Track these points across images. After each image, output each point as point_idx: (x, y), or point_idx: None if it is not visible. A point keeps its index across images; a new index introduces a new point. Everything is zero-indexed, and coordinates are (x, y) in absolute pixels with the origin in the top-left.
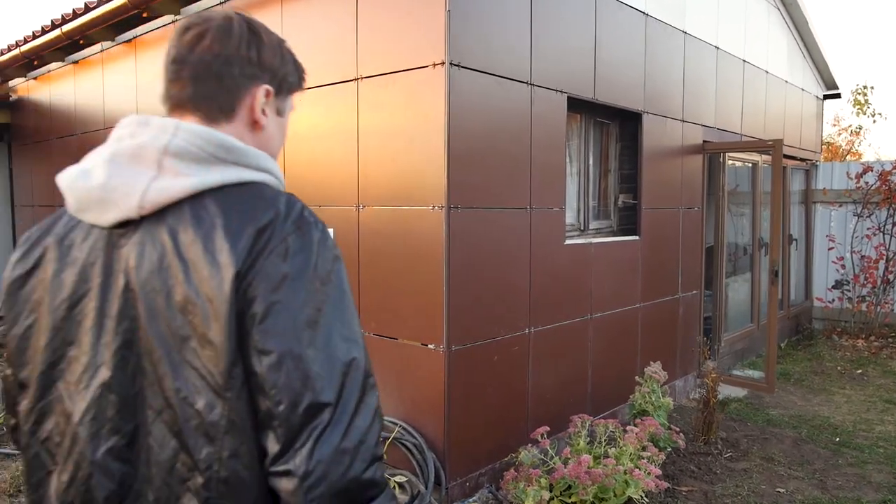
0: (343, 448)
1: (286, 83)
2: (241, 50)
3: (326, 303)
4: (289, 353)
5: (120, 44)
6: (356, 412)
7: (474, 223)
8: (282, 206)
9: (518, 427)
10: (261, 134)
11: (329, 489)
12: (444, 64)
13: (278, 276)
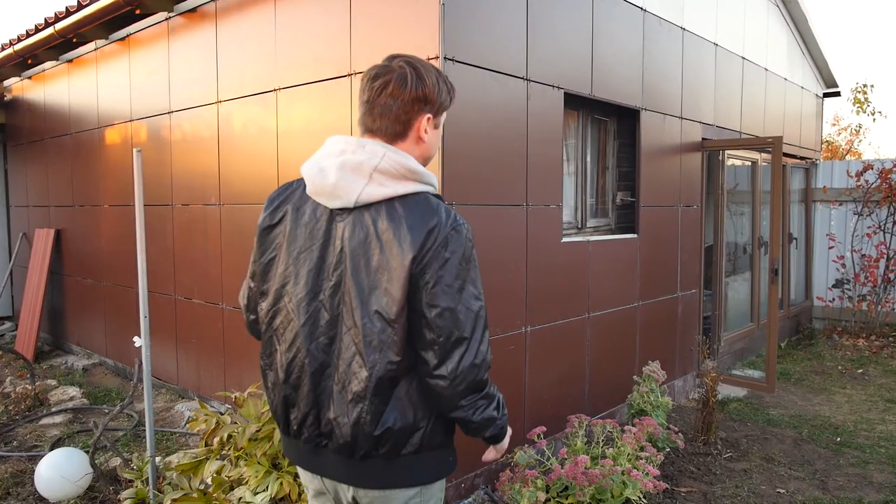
0: (474, 363)
1: (442, 107)
2: (412, 93)
3: (467, 277)
4: (447, 308)
5: (113, 42)
6: (480, 341)
7: (470, 220)
8: (443, 214)
9: (514, 427)
10: (423, 145)
11: (466, 385)
12: (439, 58)
13: (442, 260)
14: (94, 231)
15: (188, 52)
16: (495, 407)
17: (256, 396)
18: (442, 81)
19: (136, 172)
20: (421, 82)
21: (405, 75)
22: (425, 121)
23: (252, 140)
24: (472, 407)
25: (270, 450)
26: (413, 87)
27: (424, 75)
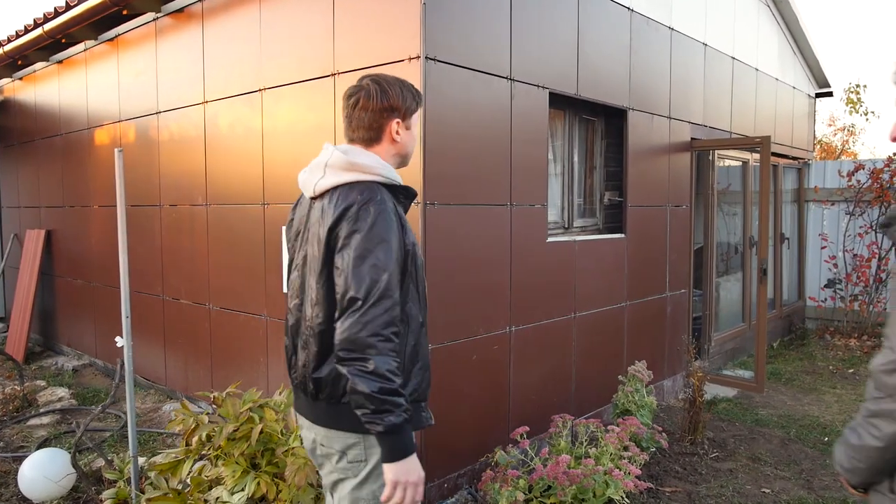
0: (359, 321)
1: (409, 110)
2: (378, 104)
3: (372, 249)
4: (346, 269)
5: (103, 43)
6: (373, 306)
7: (452, 220)
8: (362, 196)
9: (499, 427)
10: (398, 144)
11: (347, 337)
12: (420, 58)
13: (349, 231)
14: (84, 232)
15: (176, 53)
16: (371, 383)
17: (236, 396)
18: (406, 90)
19: (117, 172)
20: (385, 94)
21: (370, 91)
22: (395, 124)
23: (238, 140)
24: (351, 363)
25: (248, 449)
26: (378, 100)
27: (388, 88)
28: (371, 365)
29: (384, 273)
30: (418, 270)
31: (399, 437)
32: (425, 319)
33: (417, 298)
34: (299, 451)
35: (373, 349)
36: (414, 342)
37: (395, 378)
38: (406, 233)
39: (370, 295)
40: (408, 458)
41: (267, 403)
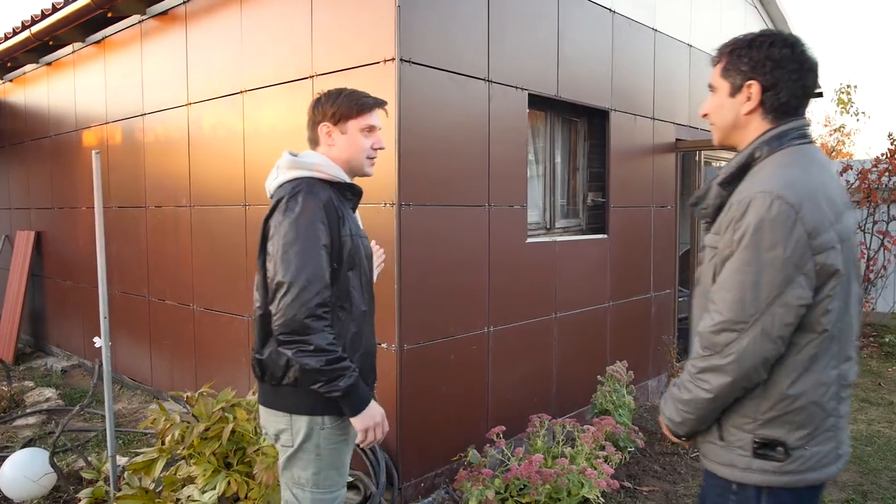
0: (291, 304)
1: (339, 115)
2: (313, 111)
3: (298, 236)
4: (275, 255)
5: (90, 45)
6: (302, 289)
7: (428, 221)
8: (292, 189)
9: (478, 426)
10: (333, 148)
11: (284, 321)
12: (395, 60)
13: (278, 221)
14: (73, 233)
15: (160, 55)
16: (317, 359)
17: (210, 396)
18: (346, 98)
19: (95, 175)
20: (318, 102)
21: (313, 100)
22: (323, 128)
23: (220, 142)
24: (292, 345)
25: (220, 448)
26: (311, 107)
27: (324, 96)
28: (311, 344)
29: (310, 258)
30: (362, 262)
31: (356, 393)
32: (370, 308)
33: (360, 288)
34: (269, 450)
35: (310, 329)
36: (356, 329)
37: (335, 348)
38: (344, 225)
39: (297, 278)
40: (368, 407)
41: (239, 403)
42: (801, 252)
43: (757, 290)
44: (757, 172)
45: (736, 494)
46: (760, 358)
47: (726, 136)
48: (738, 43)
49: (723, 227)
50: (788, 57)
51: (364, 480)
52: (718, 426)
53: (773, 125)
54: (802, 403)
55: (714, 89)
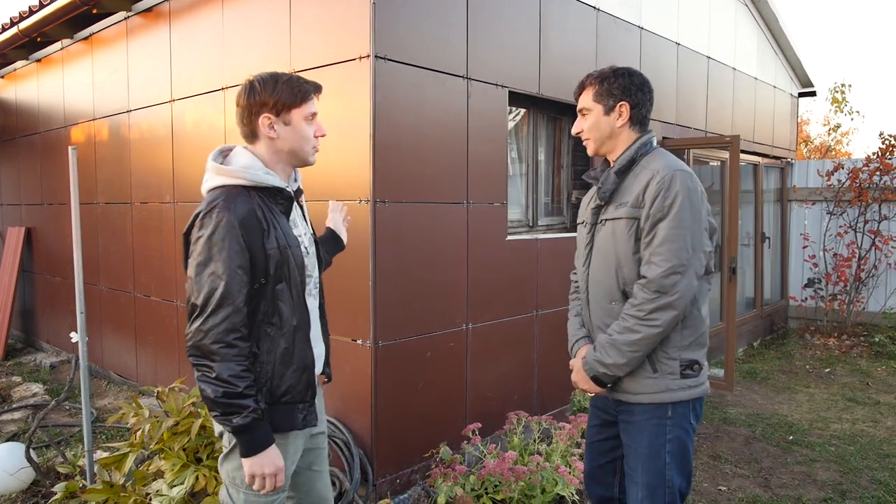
0: (200, 328)
1: (281, 105)
2: (247, 100)
3: (211, 257)
4: (191, 276)
5: (78, 42)
6: (211, 314)
7: (405, 218)
8: (206, 204)
9: (455, 423)
10: (276, 141)
11: (193, 344)
12: (370, 57)
13: (196, 237)
14: (62, 229)
15: (145, 52)
16: (214, 388)
17: (182, 391)
18: (284, 84)
19: (71, 170)
20: (251, 90)
21: (242, 88)
22: (264, 121)
23: (202, 138)
24: (197, 368)
25: (189, 443)
26: (244, 96)
27: (258, 84)
28: (214, 372)
29: (222, 281)
30: (293, 274)
31: (249, 435)
32: (304, 322)
33: (291, 301)
34: None
35: (216, 356)
36: (286, 344)
37: (238, 382)
38: (269, 237)
39: (209, 303)
40: (262, 452)
41: None
42: (705, 213)
43: (691, 240)
44: (648, 163)
45: (672, 415)
46: (692, 293)
47: (600, 147)
48: (604, 74)
49: (646, 199)
50: (643, 82)
51: (339, 476)
52: (650, 361)
53: (640, 134)
54: (705, 328)
55: (587, 112)
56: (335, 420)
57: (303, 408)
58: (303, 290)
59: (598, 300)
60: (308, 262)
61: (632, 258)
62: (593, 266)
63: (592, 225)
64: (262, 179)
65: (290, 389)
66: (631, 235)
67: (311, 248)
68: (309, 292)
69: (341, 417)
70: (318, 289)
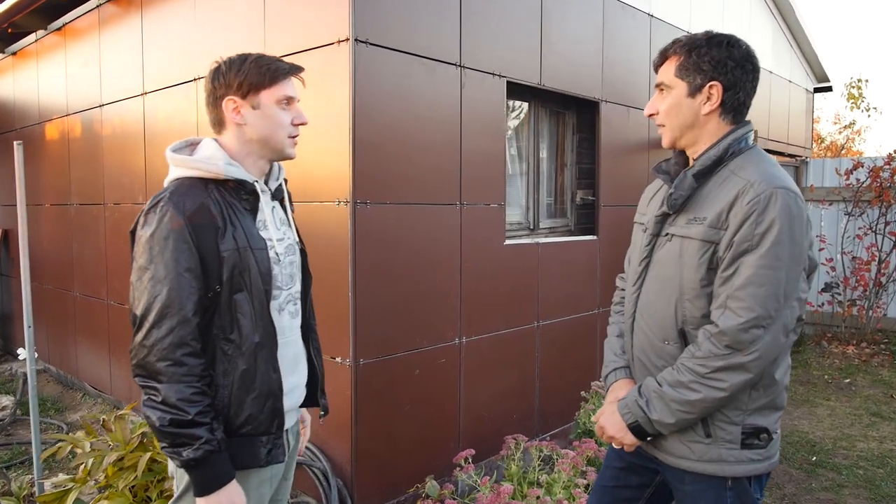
0: (143, 343)
1: (248, 86)
2: (213, 83)
3: (152, 259)
4: (132, 281)
5: (51, 33)
6: (153, 325)
7: (389, 221)
8: (153, 199)
9: (447, 448)
10: (245, 128)
11: (137, 362)
12: (349, 40)
13: (139, 236)
14: (39, 231)
15: (117, 42)
16: (160, 415)
17: (126, 420)
18: (251, 64)
19: (17, 168)
20: (217, 73)
21: (210, 70)
22: (228, 106)
23: (175, 134)
24: (144, 390)
25: (137, 481)
26: (210, 79)
27: (223, 65)
28: (160, 395)
29: (164, 287)
30: (255, 282)
31: (202, 470)
32: (268, 340)
33: (252, 314)
34: None
35: (162, 376)
36: (246, 366)
37: (188, 408)
38: (224, 237)
39: (149, 313)
40: (219, 490)
41: None
42: (806, 248)
43: (785, 285)
44: (739, 168)
45: (733, 490)
46: (777, 353)
47: (678, 137)
48: (696, 41)
49: (731, 220)
50: (746, 58)
51: None
52: (703, 423)
53: (732, 126)
54: (782, 388)
55: (667, 88)
56: (311, 446)
57: (267, 440)
58: (267, 301)
59: (646, 333)
60: (280, 272)
61: (700, 291)
62: (647, 289)
63: (654, 236)
64: (220, 170)
65: (251, 419)
66: (703, 263)
67: (288, 257)
68: (280, 307)
69: (319, 443)
70: (302, 305)
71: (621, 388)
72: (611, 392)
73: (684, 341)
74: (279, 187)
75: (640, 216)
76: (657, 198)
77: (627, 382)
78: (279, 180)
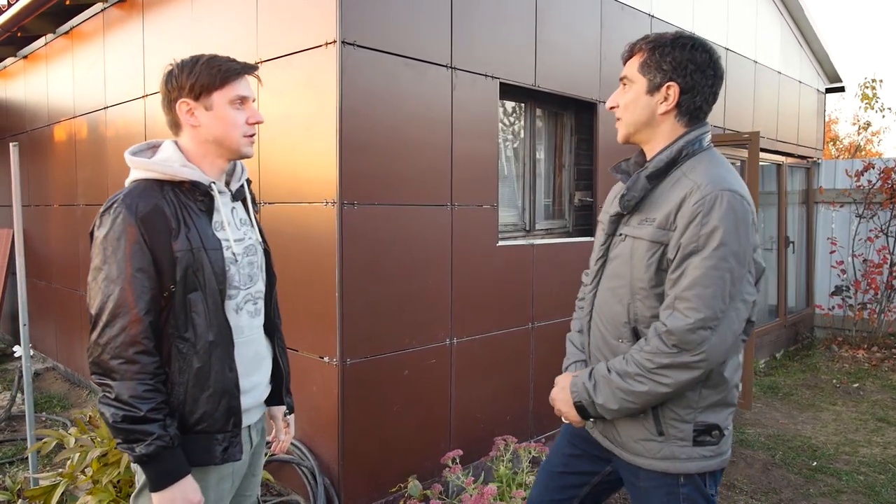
0: (97, 342)
1: (199, 88)
2: (166, 87)
3: (105, 260)
4: (89, 283)
5: (60, 36)
6: (106, 324)
7: (378, 222)
8: (109, 201)
9: (438, 448)
10: (200, 129)
11: (93, 360)
12: (336, 42)
13: (95, 237)
14: (45, 232)
15: (121, 45)
16: (114, 411)
17: None
18: (202, 66)
19: (13, 168)
20: (170, 76)
21: (163, 73)
22: (181, 108)
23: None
24: (101, 388)
25: (120, 476)
26: (163, 82)
27: (175, 68)
28: (114, 392)
29: (116, 286)
30: (209, 281)
31: (155, 466)
32: (222, 338)
33: (206, 313)
34: None
35: (115, 374)
36: (200, 364)
37: (140, 405)
38: (177, 237)
39: (102, 312)
40: (172, 485)
41: None
42: (751, 251)
43: (731, 285)
44: (689, 171)
45: (685, 486)
46: (724, 354)
47: (635, 133)
48: (661, 40)
49: (679, 221)
50: (707, 62)
51: None
52: (656, 421)
53: (687, 128)
54: (732, 385)
55: (628, 82)
56: (300, 444)
57: (223, 438)
58: (222, 300)
59: (601, 331)
60: (237, 272)
61: (650, 291)
62: (602, 288)
63: (609, 235)
64: (175, 172)
65: (206, 417)
66: (653, 263)
67: (248, 258)
68: (238, 307)
69: (307, 442)
70: (262, 305)
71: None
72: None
73: (637, 339)
74: (240, 188)
75: (604, 215)
76: (615, 204)
77: (563, 382)
78: (241, 181)
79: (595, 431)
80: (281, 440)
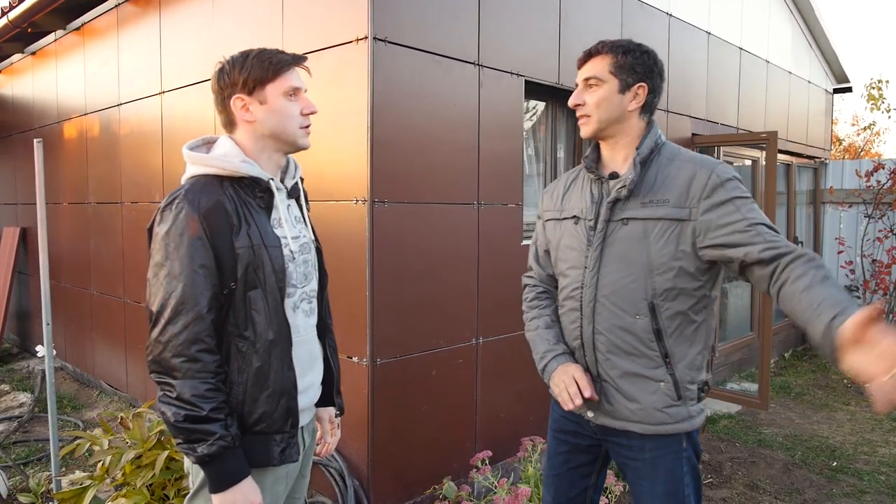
0: (159, 339)
1: (253, 82)
2: (219, 84)
3: (168, 256)
4: (148, 278)
5: (70, 32)
6: (168, 321)
7: (407, 220)
8: (169, 196)
9: (464, 449)
10: (255, 124)
11: (153, 359)
12: (367, 38)
13: (155, 233)
14: (54, 230)
15: (136, 41)
16: (175, 410)
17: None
18: (253, 59)
19: (37, 165)
20: (220, 72)
21: (215, 71)
22: (236, 101)
23: (192, 132)
24: (160, 386)
25: (154, 479)
26: (215, 80)
27: (227, 64)
28: (175, 391)
29: (179, 283)
30: (269, 279)
31: (217, 466)
32: (282, 337)
33: (266, 311)
34: None
35: (177, 372)
36: (260, 363)
37: (203, 404)
38: (239, 234)
39: (165, 308)
40: (234, 487)
41: None
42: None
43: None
44: (675, 156)
45: (686, 445)
46: None
47: (605, 129)
48: (629, 46)
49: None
50: (662, 70)
51: None
52: (675, 387)
53: (647, 123)
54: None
55: (596, 83)
56: None
57: (281, 439)
58: (281, 298)
59: (614, 312)
60: (294, 270)
61: (669, 265)
62: (608, 271)
63: (606, 222)
64: (236, 168)
65: (265, 417)
66: (672, 239)
67: (303, 256)
68: (295, 305)
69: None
70: (316, 304)
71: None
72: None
73: (652, 313)
74: (295, 185)
75: (557, 212)
76: (578, 191)
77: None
78: (295, 178)
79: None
80: (328, 442)
